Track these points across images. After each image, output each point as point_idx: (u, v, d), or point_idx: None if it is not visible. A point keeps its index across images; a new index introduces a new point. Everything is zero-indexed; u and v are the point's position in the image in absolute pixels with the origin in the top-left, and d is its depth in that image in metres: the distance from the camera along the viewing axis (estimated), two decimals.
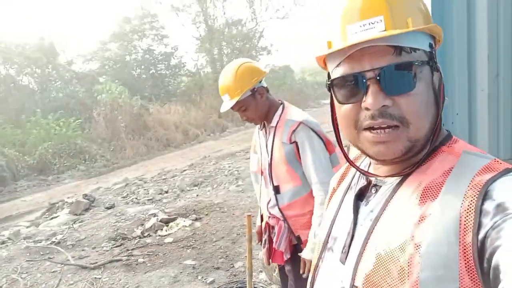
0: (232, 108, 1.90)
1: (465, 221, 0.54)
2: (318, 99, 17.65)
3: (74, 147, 11.21)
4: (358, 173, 0.79)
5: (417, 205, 0.60)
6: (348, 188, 0.80)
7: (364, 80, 0.61)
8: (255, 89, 1.89)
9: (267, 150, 1.96)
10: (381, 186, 0.70)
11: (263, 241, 2.08)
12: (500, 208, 0.52)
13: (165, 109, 15.19)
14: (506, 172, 0.57)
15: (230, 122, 15.08)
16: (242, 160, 8.11)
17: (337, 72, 0.65)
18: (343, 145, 0.81)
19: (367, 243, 0.65)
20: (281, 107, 1.94)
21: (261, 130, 2.02)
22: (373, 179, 0.72)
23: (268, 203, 1.98)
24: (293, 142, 1.83)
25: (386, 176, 0.69)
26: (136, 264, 4.05)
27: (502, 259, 0.48)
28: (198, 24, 17.54)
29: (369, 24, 0.61)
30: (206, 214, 5.26)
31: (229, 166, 7.72)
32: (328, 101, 0.78)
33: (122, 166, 10.68)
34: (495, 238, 0.50)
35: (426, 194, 0.60)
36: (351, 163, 0.77)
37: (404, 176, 0.66)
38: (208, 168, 7.82)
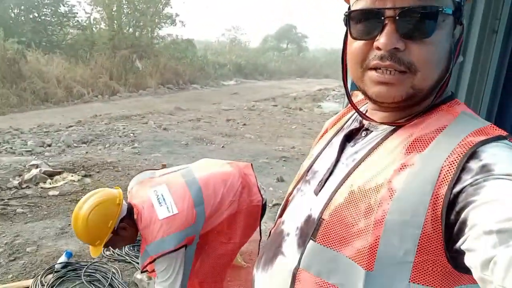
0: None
1: (445, 174, 0.54)
2: (217, 79, 17.68)
3: None
4: (353, 117, 0.80)
5: (403, 154, 0.60)
6: (340, 130, 0.81)
7: (382, 18, 0.59)
8: (116, 229, 1.76)
9: None
10: (372, 131, 0.70)
11: None
12: (485, 168, 0.52)
13: (47, 60, 13.36)
14: (499, 138, 0.56)
15: (122, 86, 14.07)
16: (138, 124, 7.73)
17: (357, 4, 0.63)
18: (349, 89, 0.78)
19: (345, 180, 0.66)
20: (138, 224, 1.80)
21: None
22: (366, 123, 0.72)
23: None
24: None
25: (381, 123, 0.69)
26: (14, 214, 3.60)
27: (472, 214, 0.48)
28: None
29: None
30: (98, 172, 4.92)
31: (124, 128, 7.27)
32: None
33: None
34: (471, 194, 0.50)
35: (414, 145, 0.60)
36: (351, 103, 0.77)
37: (398, 126, 0.66)
38: (99, 128, 7.23)
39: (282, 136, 7.60)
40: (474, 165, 0.53)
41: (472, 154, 0.54)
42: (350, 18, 0.64)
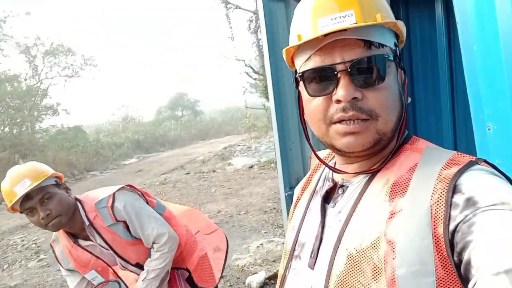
0: (29, 198, 1.48)
1: (435, 213, 0.54)
2: (117, 161, 16.71)
3: None
4: (323, 177, 0.80)
5: (387, 202, 0.60)
6: (313, 193, 0.79)
7: (335, 73, 0.62)
8: (60, 182, 1.63)
9: (101, 248, 1.71)
10: (348, 187, 0.70)
11: None
12: (470, 202, 0.52)
13: None
14: (470, 164, 0.58)
15: None
16: (39, 231, 6.70)
17: (307, 65, 0.65)
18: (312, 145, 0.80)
19: (338, 245, 0.63)
20: (77, 202, 1.66)
21: (75, 242, 1.70)
22: (339, 180, 0.72)
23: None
24: (119, 220, 1.66)
25: (355, 173, 0.69)
26: None
27: (475, 255, 0.48)
28: None
29: (340, 17, 0.61)
30: None
31: (23, 240, 6.22)
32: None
33: None
34: (466, 233, 0.50)
35: (395, 190, 0.60)
36: (321, 160, 0.77)
37: (371, 175, 0.67)
38: None
39: (205, 203, 7.36)
40: (458, 199, 0.54)
41: (454, 189, 0.55)
42: (304, 78, 0.66)
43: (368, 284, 0.56)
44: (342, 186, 0.71)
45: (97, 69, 18.29)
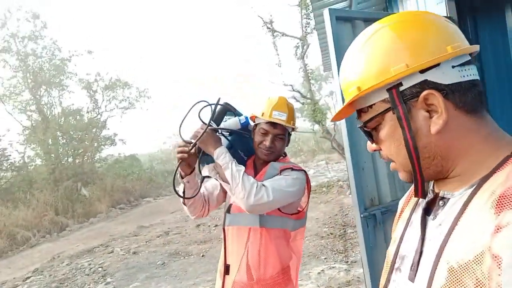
0: (273, 126, 1.84)
1: None
2: (169, 187, 17.27)
3: None
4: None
5: (493, 215, 0.56)
6: (415, 205, 0.79)
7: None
8: (291, 133, 1.96)
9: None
10: (449, 199, 0.68)
11: None
12: None
13: None
14: None
15: (70, 219, 13.10)
16: (104, 255, 7.04)
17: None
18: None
19: (439, 258, 0.62)
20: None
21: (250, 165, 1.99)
22: (440, 192, 0.71)
23: None
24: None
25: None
26: None
27: None
28: (30, 113, 15.62)
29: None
30: None
31: (90, 264, 6.55)
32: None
33: None
34: None
35: (502, 202, 0.56)
36: (420, 174, 0.78)
37: (475, 187, 0.64)
38: (61, 271, 6.43)
39: None
40: None
41: None
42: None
43: None
44: (442, 198, 0.69)
45: (150, 100, 19.19)
